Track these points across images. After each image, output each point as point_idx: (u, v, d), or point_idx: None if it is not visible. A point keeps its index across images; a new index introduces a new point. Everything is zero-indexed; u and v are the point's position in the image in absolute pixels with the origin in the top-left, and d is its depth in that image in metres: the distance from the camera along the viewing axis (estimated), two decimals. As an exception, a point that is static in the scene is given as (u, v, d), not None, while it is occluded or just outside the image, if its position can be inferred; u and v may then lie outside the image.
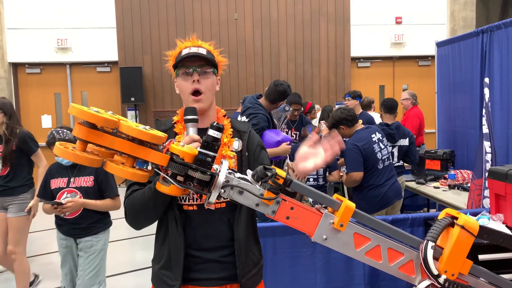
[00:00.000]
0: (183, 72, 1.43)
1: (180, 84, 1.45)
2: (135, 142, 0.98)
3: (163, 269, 1.44)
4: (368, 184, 3.28)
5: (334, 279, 2.49)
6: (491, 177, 2.51)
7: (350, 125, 3.39)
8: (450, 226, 1.02)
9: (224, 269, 1.43)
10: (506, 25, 3.66)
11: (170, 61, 1.51)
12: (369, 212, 3.29)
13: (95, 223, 2.78)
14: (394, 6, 8.36)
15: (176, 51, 1.49)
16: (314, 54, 8.34)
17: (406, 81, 8.74)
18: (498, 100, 3.66)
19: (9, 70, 7.80)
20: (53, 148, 1.05)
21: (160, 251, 1.46)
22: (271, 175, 1.02)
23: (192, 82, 1.41)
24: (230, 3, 8.07)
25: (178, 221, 1.39)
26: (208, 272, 1.42)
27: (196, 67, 1.41)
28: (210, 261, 1.42)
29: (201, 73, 1.42)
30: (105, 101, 8.06)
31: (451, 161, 4.27)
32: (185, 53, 1.42)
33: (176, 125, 1.50)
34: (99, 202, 2.71)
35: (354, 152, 3.24)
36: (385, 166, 3.33)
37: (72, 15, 7.81)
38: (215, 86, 1.47)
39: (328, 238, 1.04)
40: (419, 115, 5.50)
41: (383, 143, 3.37)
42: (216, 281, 1.43)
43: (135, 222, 1.43)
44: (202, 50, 1.44)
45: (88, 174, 2.71)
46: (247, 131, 1.53)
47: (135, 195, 1.39)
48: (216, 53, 1.50)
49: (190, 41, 1.50)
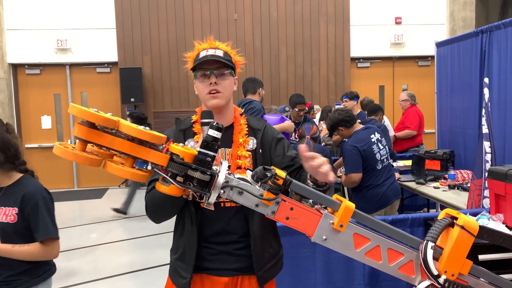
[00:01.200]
0: (201, 75, 1.47)
1: (198, 86, 1.50)
2: (135, 142, 0.97)
3: (178, 260, 1.52)
4: (367, 184, 3.29)
5: (334, 279, 2.49)
6: (490, 177, 2.51)
7: (348, 126, 3.40)
8: (450, 226, 1.02)
9: (238, 261, 1.49)
10: (505, 25, 3.66)
11: (189, 63, 1.54)
12: (368, 212, 3.31)
13: (18, 275, 1.83)
14: (394, 6, 8.37)
15: (194, 53, 1.52)
16: (313, 54, 8.34)
17: (406, 81, 8.75)
18: (496, 100, 3.66)
19: (8, 71, 7.80)
20: None
21: (178, 243, 1.54)
22: (270, 175, 1.02)
23: (209, 84, 1.46)
24: (230, 3, 8.08)
25: (193, 219, 1.45)
26: (221, 263, 1.48)
27: (213, 70, 1.45)
28: (224, 252, 1.49)
29: (218, 75, 1.46)
30: (105, 102, 8.06)
31: (451, 161, 4.26)
32: (203, 55, 1.46)
33: (195, 125, 1.54)
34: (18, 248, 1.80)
35: (354, 153, 3.25)
36: (384, 166, 3.33)
37: (72, 15, 7.81)
38: (233, 86, 1.52)
39: (328, 238, 1.04)
40: (418, 113, 5.51)
41: (382, 143, 3.37)
42: (229, 271, 1.49)
43: (154, 217, 1.47)
44: (219, 52, 1.47)
45: (11, 205, 1.81)
46: (262, 128, 1.55)
47: (155, 192, 1.39)
48: (233, 53, 1.54)
49: (208, 42, 1.52)
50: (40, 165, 8.04)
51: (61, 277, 3.97)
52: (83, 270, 4.11)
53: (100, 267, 4.21)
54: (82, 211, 6.72)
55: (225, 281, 1.49)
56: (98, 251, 4.70)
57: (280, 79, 8.26)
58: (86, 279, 3.89)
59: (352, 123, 3.40)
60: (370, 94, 6.96)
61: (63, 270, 4.15)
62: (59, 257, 2.78)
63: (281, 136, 1.58)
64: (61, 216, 6.30)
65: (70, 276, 3.96)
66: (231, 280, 1.49)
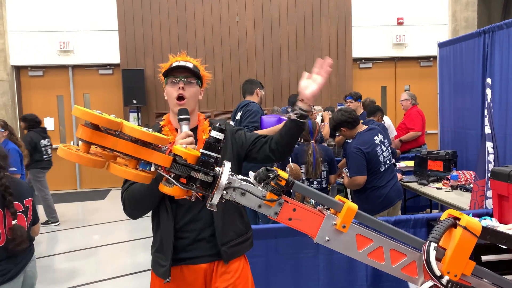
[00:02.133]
0: (171, 81, 1.67)
1: (168, 91, 1.68)
2: (138, 143, 0.98)
3: (157, 252, 1.65)
4: (371, 185, 3.28)
5: (337, 280, 2.49)
6: (493, 178, 2.50)
7: (351, 127, 3.38)
8: (453, 227, 1.02)
9: (212, 247, 1.62)
10: (508, 25, 3.65)
11: (162, 72, 1.73)
12: (371, 213, 3.31)
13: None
14: (396, 7, 8.36)
15: (168, 63, 1.72)
16: (315, 55, 8.33)
17: (408, 82, 8.73)
18: (497, 100, 3.65)
19: (11, 73, 7.83)
20: None
21: (155, 237, 1.67)
22: (273, 176, 1.03)
23: (177, 89, 1.64)
24: (232, 4, 8.09)
25: (169, 211, 1.60)
26: (197, 251, 1.61)
27: (182, 77, 1.65)
28: (199, 240, 1.62)
29: (186, 83, 1.65)
30: (107, 103, 8.09)
31: (454, 161, 4.25)
32: (175, 65, 1.67)
33: (163, 129, 1.70)
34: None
35: (358, 156, 3.22)
36: (387, 167, 3.33)
37: (74, 18, 7.84)
38: (198, 95, 1.71)
39: (331, 239, 1.04)
40: (420, 113, 5.50)
41: (385, 145, 3.36)
42: (206, 257, 1.62)
43: (133, 212, 1.61)
44: (189, 64, 1.68)
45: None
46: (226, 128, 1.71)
47: (134, 188, 1.56)
48: (202, 68, 1.75)
49: (181, 56, 1.74)
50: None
51: (64, 278, 3.98)
52: (86, 271, 4.12)
53: (103, 268, 4.23)
54: (84, 212, 6.73)
55: (204, 267, 1.62)
56: (101, 252, 4.71)
57: (282, 80, 8.26)
58: (89, 280, 3.89)
59: (355, 124, 3.39)
60: (372, 95, 6.95)
61: (66, 271, 4.16)
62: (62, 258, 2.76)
63: (237, 128, 1.77)
64: (63, 217, 6.36)
65: (73, 277, 3.98)
66: (209, 266, 1.63)
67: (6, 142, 4.13)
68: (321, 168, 3.64)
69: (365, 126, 3.46)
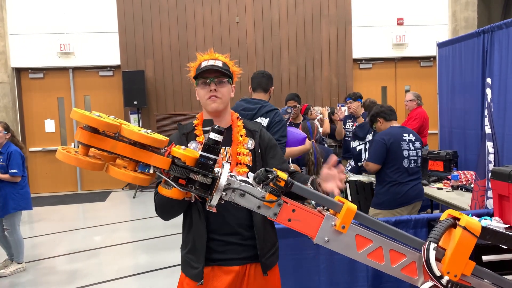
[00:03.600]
0: (202, 82, 1.64)
1: (199, 92, 1.66)
2: (136, 146, 0.98)
3: (189, 253, 1.62)
4: (391, 179, 3.35)
5: (338, 281, 2.48)
6: (494, 178, 2.50)
7: (387, 119, 3.54)
8: (452, 227, 1.02)
9: (245, 250, 1.61)
10: (507, 25, 3.65)
11: (191, 72, 1.71)
12: (388, 207, 3.40)
13: None
14: (396, 7, 8.36)
15: (196, 63, 1.69)
16: (315, 55, 8.34)
17: (408, 82, 8.73)
18: (496, 100, 3.65)
19: (12, 75, 7.84)
20: None
21: (187, 238, 1.65)
22: (272, 177, 1.03)
23: (209, 90, 1.62)
24: (232, 6, 8.10)
25: (201, 212, 1.57)
26: (231, 253, 1.60)
27: (213, 78, 1.62)
28: (232, 243, 1.60)
29: (218, 83, 1.63)
30: (108, 105, 8.09)
31: (454, 162, 4.25)
32: (204, 65, 1.63)
33: (197, 127, 1.69)
34: None
35: (379, 144, 3.39)
36: (411, 166, 3.38)
37: (75, 19, 7.85)
38: (230, 92, 1.69)
39: (330, 240, 1.04)
40: (421, 116, 5.48)
41: (415, 146, 3.43)
42: (238, 260, 1.61)
43: (163, 216, 1.59)
44: (219, 63, 1.65)
45: None
46: (259, 130, 1.72)
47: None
48: (231, 64, 1.72)
49: (209, 54, 1.71)
50: (44, 169, 8.09)
51: (65, 280, 3.98)
52: (87, 272, 4.12)
53: (104, 269, 4.22)
54: (85, 214, 6.73)
55: (236, 269, 1.60)
56: (102, 254, 4.70)
57: (282, 81, 8.27)
58: (90, 282, 3.89)
59: (391, 118, 3.54)
60: (373, 95, 6.94)
61: (67, 272, 4.16)
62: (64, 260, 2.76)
63: (275, 142, 1.76)
64: (64, 219, 6.35)
65: (75, 279, 3.98)
66: (241, 268, 1.61)
67: (8, 144, 4.15)
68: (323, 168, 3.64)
69: (398, 124, 3.61)
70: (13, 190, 4.10)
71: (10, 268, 4.11)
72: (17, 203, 4.13)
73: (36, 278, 4.04)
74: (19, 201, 4.14)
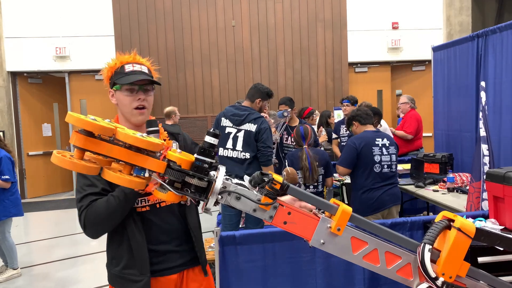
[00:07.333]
0: (129, 89, 1.54)
1: (122, 98, 1.55)
2: (132, 149, 0.98)
3: (126, 268, 1.54)
4: (363, 185, 3.34)
5: (334, 284, 2.48)
6: (489, 180, 2.51)
7: (362, 122, 3.49)
8: (447, 229, 1.03)
9: (181, 257, 1.60)
10: (501, 30, 3.69)
11: (107, 72, 1.60)
12: (362, 214, 3.39)
13: None
14: (391, 12, 8.42)
15: (114, 63, 1.59)
16: (311, 59, 8.37)
17: (404, 85, 8.79)
18: (491, 103, 3.68)
19: (8, 79, 7.82)
20: None
21: (118, 254, 1.56)
22: (268, 180, 1.03)
23: (137, 99, 1.54)
24: (228, 10, 8.12)
25: (137, 221, 1.52)
26: (168, 262, 1.57)
27: (142, 86, 1.54)
28: (168, 252, 1.58)
29: (145, 92, 1.56)
30: (104, 109, 8.07)
31: (450, 164, 4.27)
32: (129, 70, 1.54)
33: None
34: None
35: (349, 148, 3.39)
36: (384, 171, 3.34)
37: (70, 23, 7.84)
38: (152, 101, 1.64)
39: (326, 242, 1.04)
40: (417, 118, 5.52)
41: (388, 151, 3.40)
42: (176, 268, 1.59)
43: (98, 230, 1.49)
44: (145, 69, 1.57)
45: None
46: (180, 132, 1.74)
47: (97, 205, 1.45)
48: (153, 69, 1.64)
49: (131, 56, 1.59)
50: (41, 172, 8.05)
51: (62, 285, 3.95)
52: (84, 277, 4.10)
53: (101, 274, 4.20)
54: (81, 219, 6.70)
55: (174, 278, 1.59)
56: (99, 259, 4.68)
57: (279, 85, 8.29)
58: (87, 287, 3.87)
59: (366, 122, 3.50)
60: (369, 99, 6.97)
61: (64, 278, 4.13)
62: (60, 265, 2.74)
63: (194, 142, 1.75)
64: (61, 224, 6.30)
65: (71, 284, 3.95)
66: (178, 276, 1.60)
67: None
68: (318, 172, 3.65)
69: (374, 128, 3.57)
70: (3, 197, 3.99)
71: (5, 274, 4.07)
72: (8, 209, 4.02)
73: (30, 284, 4.01)
74: (9, 208, 4.02)
